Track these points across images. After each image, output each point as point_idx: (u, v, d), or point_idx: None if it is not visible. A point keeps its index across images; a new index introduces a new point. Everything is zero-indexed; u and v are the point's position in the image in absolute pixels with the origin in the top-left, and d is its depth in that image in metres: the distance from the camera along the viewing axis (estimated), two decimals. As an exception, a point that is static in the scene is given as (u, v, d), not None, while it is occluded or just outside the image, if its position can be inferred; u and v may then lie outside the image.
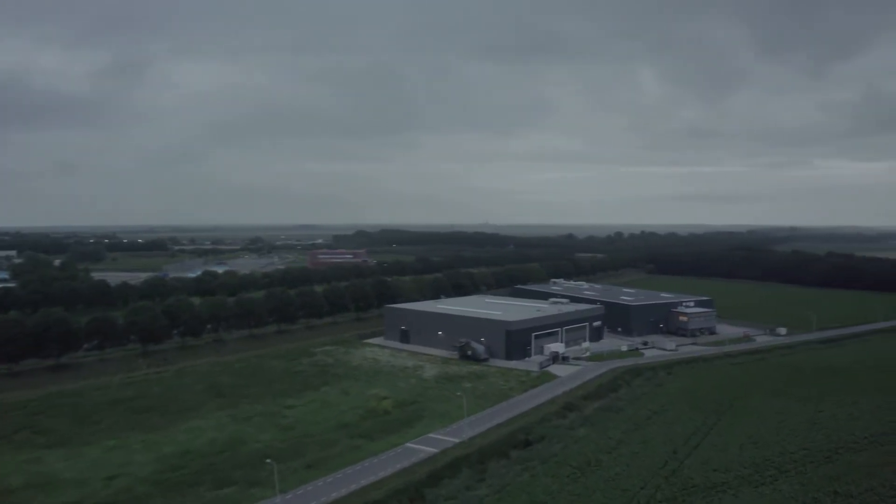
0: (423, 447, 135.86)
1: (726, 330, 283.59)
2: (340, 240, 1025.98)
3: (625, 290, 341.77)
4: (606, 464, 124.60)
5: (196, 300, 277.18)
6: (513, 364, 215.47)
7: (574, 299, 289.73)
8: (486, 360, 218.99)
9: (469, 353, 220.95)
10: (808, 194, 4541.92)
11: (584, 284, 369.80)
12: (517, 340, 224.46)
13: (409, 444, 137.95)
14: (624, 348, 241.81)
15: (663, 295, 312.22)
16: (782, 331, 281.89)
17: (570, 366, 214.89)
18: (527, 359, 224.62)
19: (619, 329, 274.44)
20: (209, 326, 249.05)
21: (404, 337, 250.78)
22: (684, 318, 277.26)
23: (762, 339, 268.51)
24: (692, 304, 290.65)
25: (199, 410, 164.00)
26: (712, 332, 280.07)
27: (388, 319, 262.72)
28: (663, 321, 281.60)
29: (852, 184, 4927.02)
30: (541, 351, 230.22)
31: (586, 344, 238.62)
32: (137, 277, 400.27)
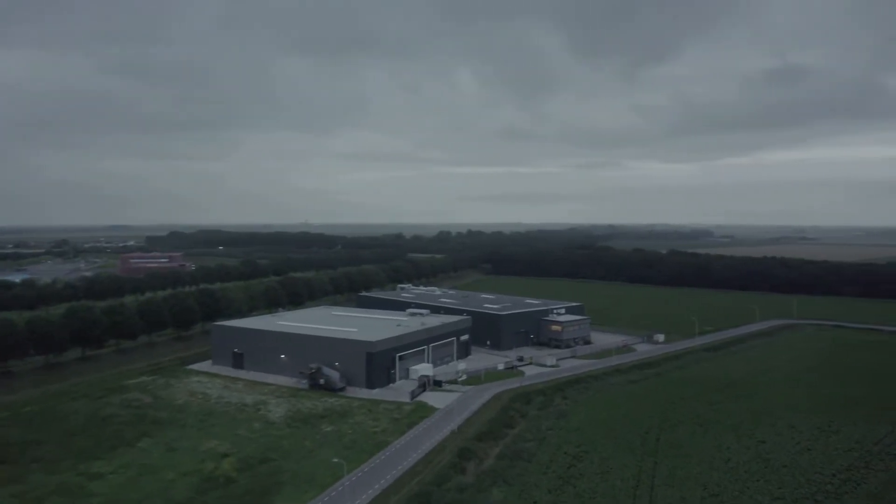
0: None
1: (601, 338, 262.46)
2: (154, 241, 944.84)
3: (484, 295, 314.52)
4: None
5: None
6: (377, 393, 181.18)
7: (433, 309, 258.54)
8: (342, 389, 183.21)
9: (322, 381, 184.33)
10: (622, 194, 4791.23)
11: (437, 290, 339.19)
12: (380, 364, 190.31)
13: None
14: (501, 366, 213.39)
15: (529, 301, 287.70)
16: (660, 337, 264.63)
17: (445, 392, 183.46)
18: (391, 385, 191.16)
19: (488, 342, 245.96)
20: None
21: (238, 362, 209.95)
22: (557, 328, 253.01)
23: (642, 348, 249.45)
24: (563, 311, 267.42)
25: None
26: (587, 341, 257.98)
27: (216, 340, 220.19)
28: (534, 331, 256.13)
29: (663, 184, 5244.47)
30: (406, 374, 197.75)
31: (462, 365, 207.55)
32: None
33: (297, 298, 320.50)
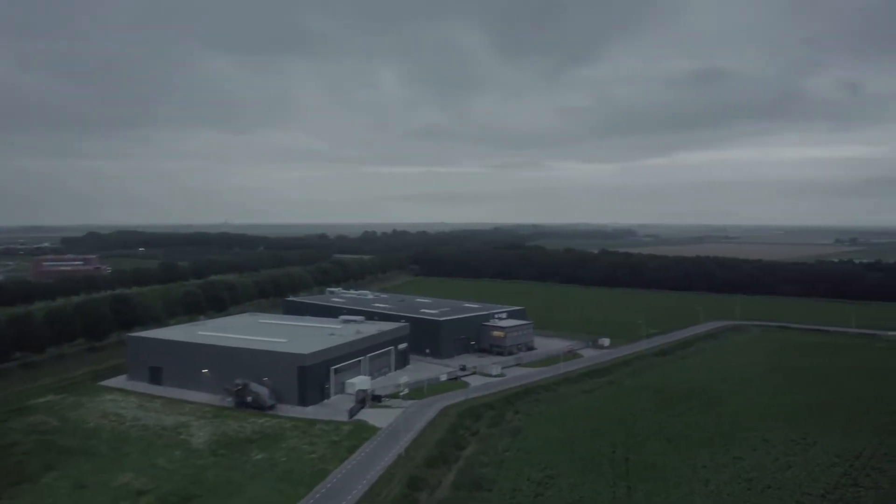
0: None
1: (544, 344, 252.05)
2: (70, 243, 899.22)
3: (420, 299, 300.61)
4: None
5: None
6: (311, 412, 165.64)
7: (367, 315, 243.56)
8: (272, 407, 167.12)
9: (249, 399, 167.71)
10: (545, 194, 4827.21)
11: (369, 294, 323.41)
12: (313, 378, 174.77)
13: None
14: (443, 377, 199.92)
15: (468, 305, 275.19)
16: (605, 342, 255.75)
17: (386, 408, 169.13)
18: (326, 402, 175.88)
19: (427, 351, 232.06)
20: None
21: (156, 377, 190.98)
22: (500, 334, 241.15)
23: (588, 354, 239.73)
24: (504, 315, 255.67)
25: None
26: (530, 347, 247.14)
27: (132, 353, 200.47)
28: (475, 338, 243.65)
29: (585, 184, 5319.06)
30: (342, 389, 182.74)
31: (404, 378, 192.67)
32: None
33: (219, 304, 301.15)
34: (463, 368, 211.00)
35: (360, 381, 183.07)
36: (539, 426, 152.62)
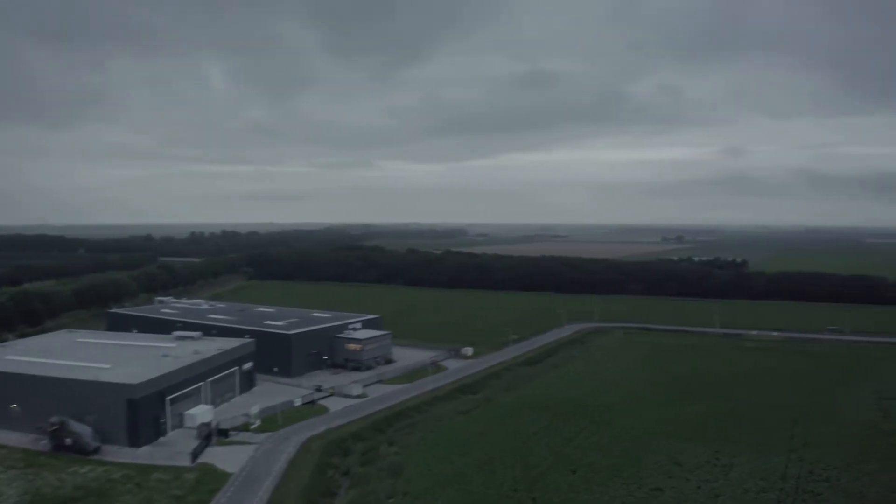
0: None
1: (403, 355, 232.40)
2: None
3: (262, 309, 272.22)
4: None
5: None
6: (144, 454, 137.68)
7: (204, 329, 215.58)
8: (96, 450, 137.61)
9: (69, 441, 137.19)
10: (375, 193, 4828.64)
11: (204, 303, 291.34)
12: (146, 412, 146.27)
13: None
14: (298, 402, 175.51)
15: (318, 315, 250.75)
16: (468, 351, 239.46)
17: (235, 444, 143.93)
18: (162, 439, 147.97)
19: (276, 369, 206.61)
20: None
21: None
22: (356, 347, 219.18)
23: (452, 365, 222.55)
24: (359, 325, 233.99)
25: None
26: (389, 360, 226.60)
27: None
28: (328, 352, 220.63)
29: (415, 183, 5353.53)
30: (180, 422, 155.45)
31: (255, 408, 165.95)
32: None
33: (33, 318, 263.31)
34: (319, 389, 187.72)
35: (202, 413, 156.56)
36: (421, 461, 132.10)
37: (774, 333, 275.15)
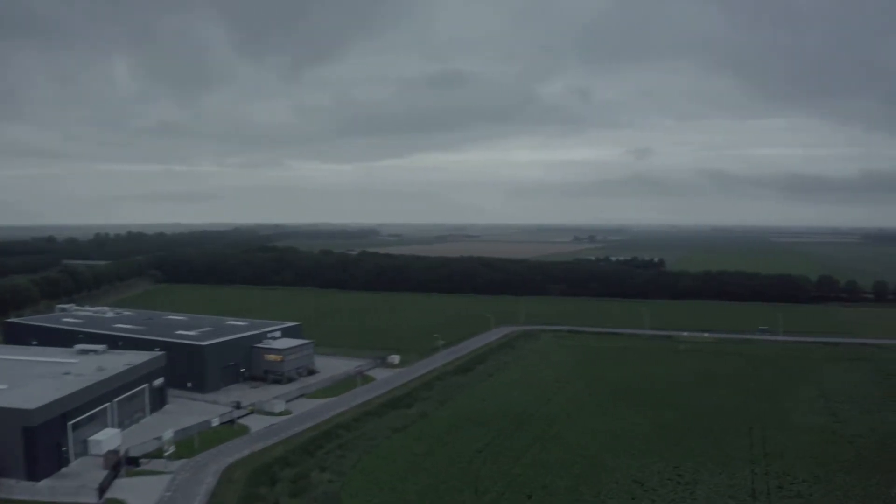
0: None
1: (326, 365, 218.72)
2: None
3: (172, 317, 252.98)
4: None
5: None
6: (45, 489, 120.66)
7: (109, 340, 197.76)
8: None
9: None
10: (285, 193, 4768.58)
11: (109, 311, 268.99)
12: (46, 441, 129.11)
13: None
14: (216, 421, 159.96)
15: (233, 323, 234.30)
16: (395, 359, 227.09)
17: (147, 475, 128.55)
18: (65, 470, 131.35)
19: (190, 384, 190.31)
20: None
21: None
22: (276, 358, 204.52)
23: (381, 375, 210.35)
24: (278, 333, 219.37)
25: None
26: (312, 371, 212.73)
27: None
28: (245, 364, 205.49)
29: (326, 184, 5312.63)
30: (84, 449, 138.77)
31: (169, 433, 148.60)
32: None
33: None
34: (238, 406, 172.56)
35: (109, 438, 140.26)
36: (359, 488, 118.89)
37: (706, 334, 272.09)
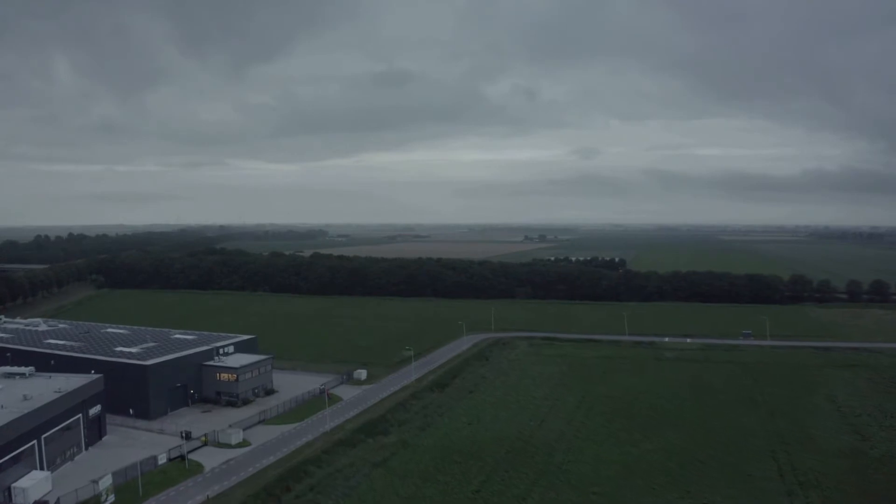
0: None
1: (285, 383, 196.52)
2: None
3: (112, 329, 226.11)
4: None
5: None
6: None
7: (39, 360, 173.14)
8: None
9: None
10: (229, 193, 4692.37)
11: (42, 323, 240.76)
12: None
13: None
14: (163, 458, 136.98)
15: (179, 337, 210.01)
16: (362, 374, 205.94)
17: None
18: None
19: (132, 411, 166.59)
20: None
21: None
22: (230, 377, 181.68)
23: (348, 394, 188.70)
24: (231, 348, 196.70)
25: None
26: (270, 390, 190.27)
27: None
28: (195, 385, 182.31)
29: (271, 184, 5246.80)
30: (7, 499, 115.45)
31: (107, 480, 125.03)
32: None
33: None
34: (188, 437, 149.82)
35: (36, 484, 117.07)
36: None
37: (688, 340, 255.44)
